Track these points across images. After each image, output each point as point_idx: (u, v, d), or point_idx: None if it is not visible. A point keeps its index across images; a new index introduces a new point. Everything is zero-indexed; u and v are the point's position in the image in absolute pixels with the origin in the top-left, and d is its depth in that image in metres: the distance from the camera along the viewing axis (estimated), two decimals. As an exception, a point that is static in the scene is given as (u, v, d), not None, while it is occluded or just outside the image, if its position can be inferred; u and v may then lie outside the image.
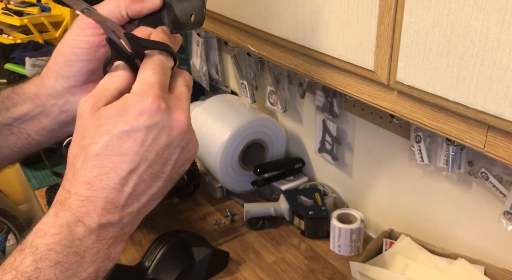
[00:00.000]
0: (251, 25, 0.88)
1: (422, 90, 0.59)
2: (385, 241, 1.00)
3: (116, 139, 0.38)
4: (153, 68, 0.40)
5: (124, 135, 0.38)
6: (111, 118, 0.38)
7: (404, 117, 0.65)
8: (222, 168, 1.24)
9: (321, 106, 1.17)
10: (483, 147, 0.56)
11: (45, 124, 0.53)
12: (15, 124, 0.52)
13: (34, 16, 2.14)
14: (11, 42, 2.11)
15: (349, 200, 1.24)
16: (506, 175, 0.81)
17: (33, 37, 2.11)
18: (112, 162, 0.38)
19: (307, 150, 1.33)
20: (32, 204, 2.12)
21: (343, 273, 1.04)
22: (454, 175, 0.89)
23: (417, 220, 1.04)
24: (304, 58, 0.79)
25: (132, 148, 0.38)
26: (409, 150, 0.96)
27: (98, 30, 0.46)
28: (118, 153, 0.38)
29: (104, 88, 0.40)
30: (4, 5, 2.22)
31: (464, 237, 0.95)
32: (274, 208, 1.17)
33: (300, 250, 1.11)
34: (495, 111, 0.52)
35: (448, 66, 0.55)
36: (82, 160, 0.39)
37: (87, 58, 0.48)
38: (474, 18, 0.50)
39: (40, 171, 1.43)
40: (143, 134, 0.38)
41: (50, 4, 2.24)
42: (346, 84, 0.73)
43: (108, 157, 0.38)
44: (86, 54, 0.47)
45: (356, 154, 1.16)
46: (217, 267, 1.05)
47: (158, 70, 0.40)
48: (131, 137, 0.38)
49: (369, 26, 0.64)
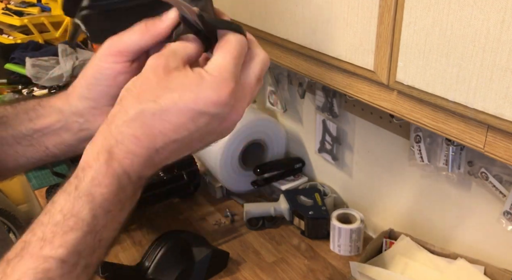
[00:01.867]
0: (251, 25, 0.88)
1: (422, 90, 0.59)
2: (385, 241, 1.00)
3: (177, 110, 0.38)
4: (232, 52, 0.40)
5: (187, 110, 0.38)
6: (181, 88, 0.38)
7: (404, 117, 0.65)
8: (222, 168, 1.24)
9: (321, 106, 1.17)
10: (483, 147, 0.56)
11: (65, 139, 0.53)
12: (36, 135, 0.53)
13: (34, 16, 2.14)
14: (11, 42, 2.11)
15: (349, 200, 1.24)
16: (506, 175, 0.81)
17: (33, 37, 2.11)
18: (163, 127, 0.39)
19: (307, 150, 1.33)
20: (32, 204, 2.12)
21: (343, 273, 1.04)
22: (454, 175, 0.89)
23: (417, 220, 1.04)
24: (304, 58, 0.79)
25: (187, 124, 0.39)
26: (409, 150, 0.96)
27: (121, 58, 0.46)
28: (173, 123, 0.39)
29: (176, 52, 0.41)
30: (4, 5, 2.22)
31: (464, 237, 0.95)
32: (274, 208, 1.17)
33: (300, 250, 1.11)
34: (495, 111, 0.52)
35: (448, 66, 0.55)
36: (135, 112, 0.39)
37: (107, 83, 0.48)
38: (474, 18, 0.50)
39: (40, 171, 1.43)
40: (204, 119, 0.39)
41: (50, 4, 2.24)
42: (346, 84, 0.73)
43: (162, 121, 0.38)
44: (107, 80, 0.48)
45: (356, 154, 1.16)
46: (217, 267, 1.05)
47: (237, 56, 0.40)
48: (193, 117, 0.39)
49: (369, 26, 0.64)
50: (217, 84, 0.38)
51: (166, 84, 0.39)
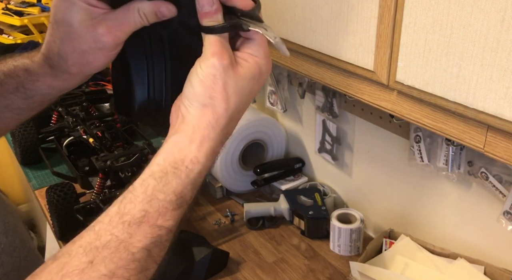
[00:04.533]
0: (251, 25, 0.88)
1: (422, 90, 0.59)
2: (385, 241, 1.00)
3: (249, 84, 0.48)
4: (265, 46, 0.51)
5: (251, 94, 0.49)
6: (250, 81, 0.48)
7: (404, 117, 0.65)
8: (222, 168, 1.24)
9: (321, 106, 1.17)
10: (482, 147, 0.56)
11: None
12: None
13: (34, 16, 2.14)
14: (11, 42, 2.11)
15: (349, 200, 1.24)
16: (506, 175, 0.81)
17: (33, 37, 2.11)
18: (244, 93, 0.49)
19: (307, 150, 1.33)
20: (32, 204, 2.12)
21: (343, 273, 1.04)
22: (454, 175, 0.89)
23: (417, 220, 1.04)
24: (304, 58, 0.79)
25: (254, 87, 0.49)
26: (409, 150, 0.96)
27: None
28: (239, 110, 0.49)
29: (229, 49, 0.49)
30: (4, 5, 2.22)
31: (463, 237, 0.95)
32: (274, 208, 1.17)
33: (300, 250, 1.11)
34: (494, 111, 0.52)
35: (448, 66, 0.55)
36: (225, 107, 0.47)
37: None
38: (474, 18, 0.50)
39: (40, 171, 1.43)
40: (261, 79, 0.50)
41: (50, 4, 2.24)
42: (346, 84, 0.73)
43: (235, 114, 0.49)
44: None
45: (356, 154, 1.16)
46: (217, 267, 1.05)
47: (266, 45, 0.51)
48: (251, 95, 0.49)
49: (369, 26, 0.64)
50: (267, 68, 0.50)
51: (242, 84, 0.48)
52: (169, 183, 0.46)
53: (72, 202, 1.07)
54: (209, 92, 0.47)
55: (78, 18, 0.50)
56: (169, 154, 0.47)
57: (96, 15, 0.51)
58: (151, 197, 0.45)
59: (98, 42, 0.51)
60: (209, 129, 0.48)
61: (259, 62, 0.49)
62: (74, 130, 1.38)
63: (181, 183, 0.46)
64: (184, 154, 0.47)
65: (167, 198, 0.45)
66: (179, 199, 0.46)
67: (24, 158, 1.43)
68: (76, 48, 0.52)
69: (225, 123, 0.48)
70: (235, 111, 0.48)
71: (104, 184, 1.16)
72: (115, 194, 1.10)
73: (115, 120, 1.50)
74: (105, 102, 1.67)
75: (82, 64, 0.53)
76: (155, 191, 0.45)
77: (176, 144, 0.47)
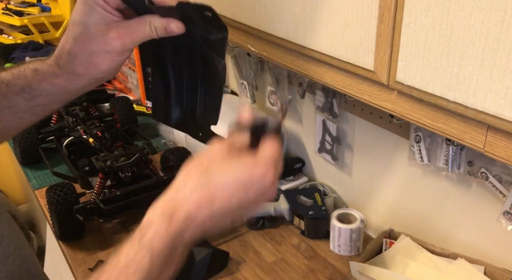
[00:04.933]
0: (251, 25, 0.88)
1: (422, 90, 0.59)
2: (385, 241, 1.00)
3: (236, 182, 0.50)
4: (276, 150, 0.54)
5: (243, 183, 0.50)
6: (240, 166, 0.50)
7: (404, 117, 0.65)
8: (222, 168, 1.24)
9: (321, 106, 1.17)
10: (482, 147, 0.56)
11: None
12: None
13: (34, 16, 2.14)
14: (11, 42, 2.11)
15: (349, 200, 1.24)
16: (506, 175, 0.81)
17: (33, 37, 2.11)
18: (223, 194, 0.49)
19: (307, 150, 1.33)
20: (32, 204, 2.12)
21: (343, 273, 1.04)
22: (454, 175, 0.89)
23: (417, 220, 1.04)
24: (304, 58, 0.79)
25: (240, 194, 0.50)
26: (409, 150, 0.96)
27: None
28: (230, 192, 0.50)
29: (236, 141, 0.54)
30: (4, 5, 2.22)
31: (463, 237, 0.95)
32: (274, 208, 1.17)
33: (300, 250, 1.11)
34: (494, 111, 0.52)
35: (448, 66, 0.55)
36: (203, 182, 0.49)
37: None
38: (474, 18, 0.50)
39: (40, 171, 1.43)
40: (252, 190, 0.50)
41: (50, 4, 2.24)
42: (346, 84, 0.73)
43: (223, 190, 0.49)
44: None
45: (356, 154, 1.16)
46: (217, 267, 1.05)
47: (278, 154, 0.54)
48: (246, 188, 0.50)
49: (369, 26, 0.64)
50: (265, 165, 0.50)
51: (228, 163, 0.50)
52: (123, 249, 0.48)
53: (72, 202, 1.07)
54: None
55: (94, 21, 0.55)
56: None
57: (110, 21, 0.55)
58: (108, 263, 0.47)
59: (107, 44, 0.55)
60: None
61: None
62: (74, 130, 1.38)
63: (133, 248, 0.47)
64: (145, 219, 0.50)
65: (120, 263, 0.47)
66: (132, 264, 0.46)
67: (24, 158, 1.43)
68: (86, 48, 0.56)
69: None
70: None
71: (104, 184, 1.15)
72: (115, 194, 1.10)
73: (115, 120, 1.50)
74: (105, 102, 1.67)
75: (89, 64, 0.57)
76: (112, 257, 0.47)
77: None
